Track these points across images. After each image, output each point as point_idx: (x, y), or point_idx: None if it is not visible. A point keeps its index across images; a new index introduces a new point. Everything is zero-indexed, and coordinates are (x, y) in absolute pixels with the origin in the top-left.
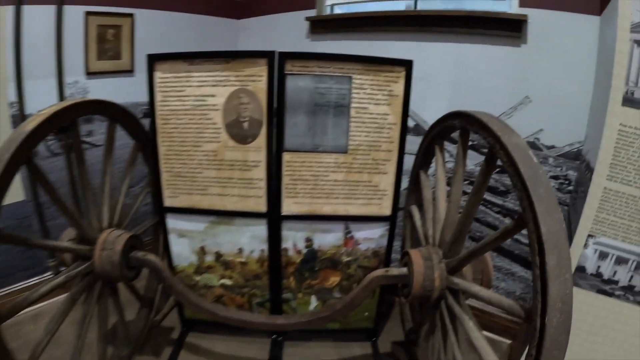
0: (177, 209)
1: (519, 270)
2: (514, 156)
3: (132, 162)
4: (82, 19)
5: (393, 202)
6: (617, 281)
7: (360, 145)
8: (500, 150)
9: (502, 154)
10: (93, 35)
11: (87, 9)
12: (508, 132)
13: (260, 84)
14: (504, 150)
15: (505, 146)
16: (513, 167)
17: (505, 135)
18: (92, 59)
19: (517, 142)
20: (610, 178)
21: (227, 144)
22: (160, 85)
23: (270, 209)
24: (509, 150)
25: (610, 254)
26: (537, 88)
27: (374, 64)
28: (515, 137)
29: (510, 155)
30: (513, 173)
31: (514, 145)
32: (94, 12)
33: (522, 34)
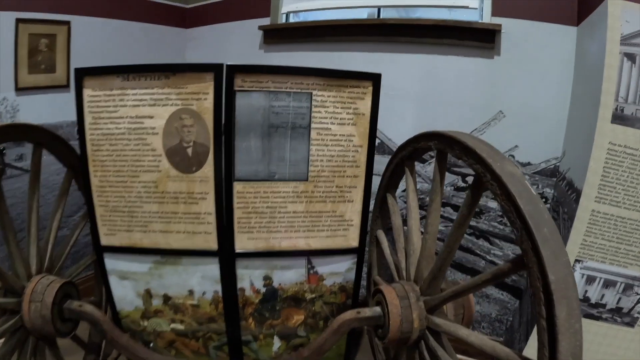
0: (116, 247)
1: (494, 292)
2: (510, 189)
3: (65, 193)
4: (12, 27)
5: (360, 232)
6: (604, 304)
7: (322, 171)
8: (493, 181)
9: (494, 186)
10: (24, 45)
11: (18, 15)
12: (500, 159)
13: (205, 102)
14: (498, 182)
15: (498, 176)
16: (510, 202)
17: (497, 163)
18: (23, 72)
19: (512, 171)
20: (599, 200)
21: (169, 173)
22: (90, 105)
23: (222, 247)
24: (504, 182)
25: (598, 278)
26: (511, 102)
27: (337, 78)
28: (508, 165)
29: (505, 187)
30: (510, 209)
31: (509, 176)
32: (25, 19)
33: (495, 45)
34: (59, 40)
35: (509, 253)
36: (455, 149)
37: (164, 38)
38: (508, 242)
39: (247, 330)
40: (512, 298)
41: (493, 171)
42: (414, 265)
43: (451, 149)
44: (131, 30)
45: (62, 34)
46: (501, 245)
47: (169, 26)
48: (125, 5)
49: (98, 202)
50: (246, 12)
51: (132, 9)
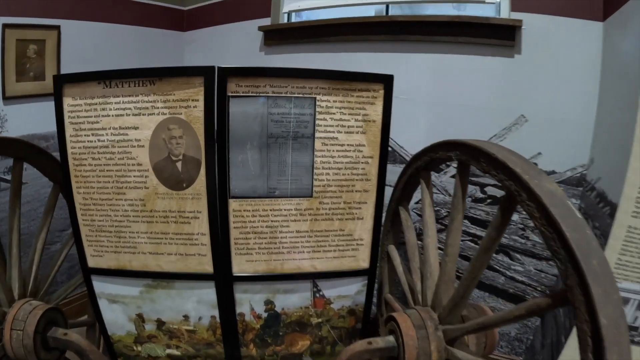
0: (104, 270)
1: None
2: (552, 212)
3: (50, 210)
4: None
5: (371, 252)
6: (637, 327)
7: (328, 186)
8: (530, 202)
9: (532, 207)
10: (11, 51)
11: (5, 20)
12: (537, 175)
13: (195, 110)
14: (536, 203)
15: (537, 197)
16: (552, 228)
17: (534, 180)
18: (11, 80)
19: (552, 189)
20: (636, 215)
21: (157, 190)
22: (71, 115)
23: (218, 270)
24: (545, 203)
25: (632, 300)
26: (533, 105)
27: (344, 80)
28: (547, 182)
29: (546, 210)
30: (552, 236)
31: (549, 195)
32: (12, 24)
33: (516, 43)
34: (48, 46)
35: (531, 269)
36: (481, 161)
37: (161, 42)
38: (529, 257)
39: (248, 357)
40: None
41: (530, 190)
42: (431, 289)
43: (476, 161)
44: (126, 34)
45: (52, 39)
46: (522, 261)
47: (166, 29)
48: (120, 8)
49: (83, 221)
50: (246, 12)
51: (126, 12)
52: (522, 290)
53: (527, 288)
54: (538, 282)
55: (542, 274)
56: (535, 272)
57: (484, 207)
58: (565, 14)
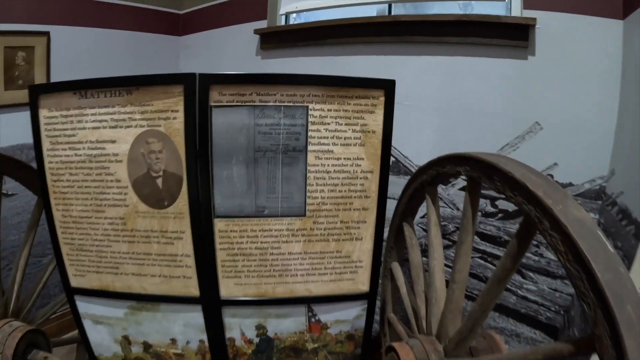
0: (87, 290)
1: (525, 330)
2: (581, 247)
3: (34, 225)
4: None
5: (371, 275)
6: None
7: (323, 204)
8: (553, 232)
9: (555, 239)
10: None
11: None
12: (561, 199)
13: (175, 122)
14: (562, 234)
15: (563, 226)
16: (580, 266)
17: (558, 205)
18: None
19: (580, 217)
20: None
21: (138, 208)
22: (47, 128)
23: (205, 293)
24: (572, 235)
25: None
26: (549, 111)
27: (340, 86)
28: (574, 209)
29: (574, 243)
30: (579, 275)
31: (577, 225)
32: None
33: (529, 43)
34: (37, 53)
35: (544, 288)
36: (495, 180)
37: (156, 47)
38: (543, 276)
39: None
40: (546, 337)
41: (554, 218)
42: (437, 316)
43: (489, 180)
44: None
45: (41, 45)
46: (535, 279)
47: (161, 34)
48: (113, 12)
49: (63, 239)
50: (242, 14)
51: (120, 17)
52: (534, 310)
53: (540, 308)
54: (552, 302)
55: (556, 293)
56: (549, 292)
57: (495, 222)
58: (583, 11)
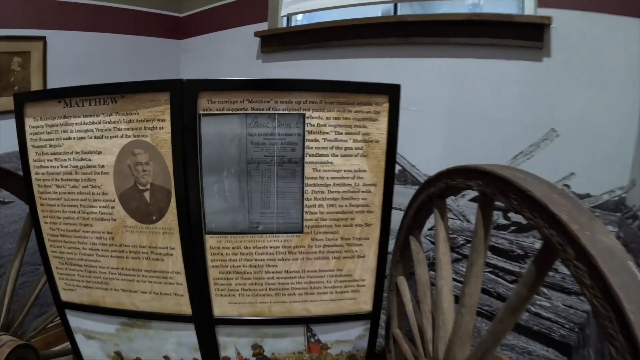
0: (77, 305)
1: (538, 348)
2: (612, 283)
3: (26, 236)
4: None
5: (375, 294)
6: None
7: (321, 219)
8: (578, 262)
9: (580, 271)
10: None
11: None
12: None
13: (162, 132)
14: (589, 265)
15: (590, 256)
16: (610, 305)
17: (584, 231)
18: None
19: (609, 245)
20: None
21: (125, 223)
22: (33, 138)
23: (197, 311)
24: (602, 269)
25: None
26: (565, 117)
27: (340, 92)
28: (602, 235)
29: (603, 278)
30: (608, 315)
31: (606, 255)
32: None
33: (544, 44)
34: (33, 58)
35: (559, 304)
36: (511, 197)
37: (156, 51)
38: (557, 292)
39: None
40: (559, 356)
41: (581, 246)
42: (444, 340)
43: (504, 197)
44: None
45: (37, 50)
46: (549, 295)
47: (161, 37)
48: (112, 16)
49: (52, 252)
50: (243, 17)
51: (119, 21)
52: (547, 327)
53: (553, 325)
54: (566, 319)
55: (571, 310)
56: (563, 308)
57: (507, 235)
58: (601, 9)
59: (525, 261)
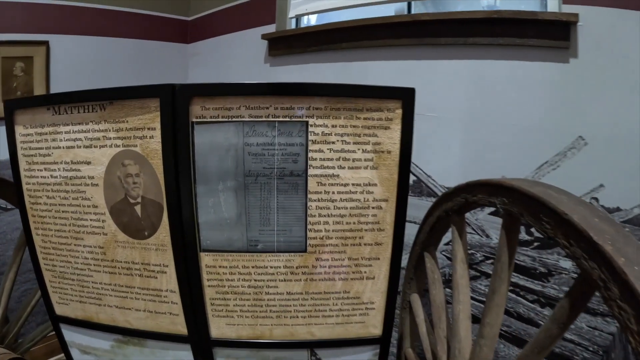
0: (71, 319)
1: None
2: None
3: (22, 246)
4: None
5: (385, 317)
6: None
7: (327, 238)
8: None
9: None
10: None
11: None
12: (635, 254)
13: (152, 142)
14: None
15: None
16: None
17: (632, 266)
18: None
19: None
20: None
21: (117, 237)
22: (23, 147)
23: (194, 332)
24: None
25: None
26: (594, 124)
27: (347, 97)
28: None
29: None
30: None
31: None
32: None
33: (571, 44)
34: (36, 63)
35: (583, 326)
36: (543, 220)
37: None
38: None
39: None
40: None
41: (628, 285)
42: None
43: (535, 219)
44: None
45: (40, 55)
46: None
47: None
48: (117, 20)
49: (44, 265)
50: (251, 19)
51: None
52: (570, 350)
53: (576, 348)
54: (590, 341)
55: (595, 331)
56: (587, 330)
57: (530, 252)
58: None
59: (549, 279)
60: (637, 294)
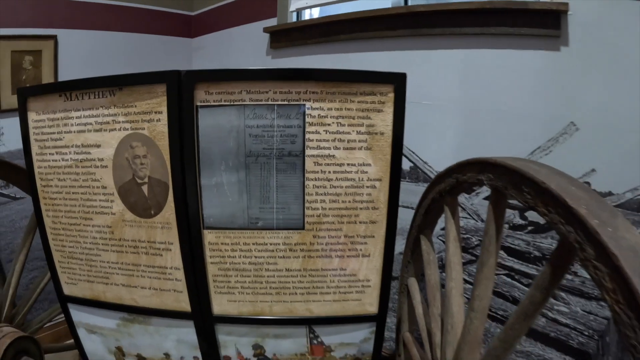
0: (79, 299)
1: (555, 356)
2: (637, 287)
3: (32, 231)
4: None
5: (381, 295)
6: None
7: (324, 215)
8: (599, 263)
9: (601, 272)
10: (6, 64)
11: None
12: (609, 218)
13: (159, 125)
14: (611, 267)
15: (613, 257)
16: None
17: (606, 228)
18: (6, 93)
19: (633, 242)
20: None
21: (124, 217)
22: (35, 132)
23: (197, 309)
24: (626, 272)
25: None
26: (585, 110)
27: (342, 82)
28: (626, 232)
29: (628, 281)
30: (630, 323)
31: (631, 256)
32: (6, 35)
33: (562, 32)
34: (44, 57)
35: (578, 310)
36: (524, 191)
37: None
38: (577, 296)
39: None
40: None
41: (602, 245)
42: (452, 345)
43: (518, 191)
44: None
45: (48, 49)
46: (567, 300)
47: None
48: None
49: (54, 246)
50: (253, 13)
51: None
52: (565, 334)
53: (571, 332)
54: (585, 325)
55: (590, 316)
56: (582, 314)
57: (524, 236)
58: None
59: (543, 263)
60: (610, 253)
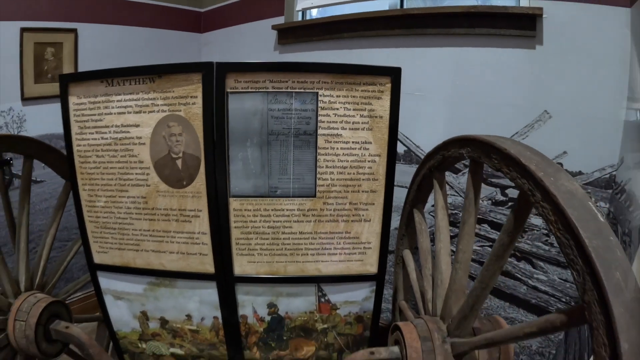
0: (109, 266)
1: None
2: (570, 216)
3: (61, 207)
4: (17, 37)
5: (380, 256)
6: None
7: (332, 185)
8: (544, 203)
9: (547, 210)
10: (29, 55)
11: (23, 24)
12: (554, 172)
13: (194, 107)
14: (552, 204)
15: (553, 196)
16: (569, 234)
17: (549, 177)
18: (29, 82)
19: (570, 188)
20: None
21: (159, 188)
22: (76, 114)
23: (220, 270)
24: (561, 205)
25: None
26: (557, 100)
27: (348, 74)
28: (565, 181)
29: (563, 213)
30: (568, 243)
31: (567, 196)
32: (30, 28)
33: (537, 33)
34: (65, 49)
35: (555, 278)
36: (493, 158)
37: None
38: (554, 265)
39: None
40: None
41: (545, 189)
42: (441, 297)
43: (488, 158)
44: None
45: (69, 42)
46: (546, 269)
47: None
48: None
49: (88, 217)
50: (261, 11)
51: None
52: (545, 300)
53: (550, 299)
54: (562, 292)
55: (567, 283)
56: (559, 282)
57: (505, 211)
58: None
59: (522, 236)
60: (551, 194)
